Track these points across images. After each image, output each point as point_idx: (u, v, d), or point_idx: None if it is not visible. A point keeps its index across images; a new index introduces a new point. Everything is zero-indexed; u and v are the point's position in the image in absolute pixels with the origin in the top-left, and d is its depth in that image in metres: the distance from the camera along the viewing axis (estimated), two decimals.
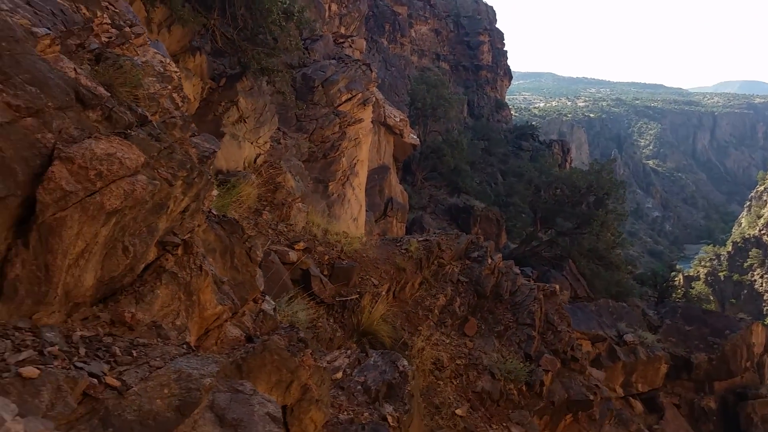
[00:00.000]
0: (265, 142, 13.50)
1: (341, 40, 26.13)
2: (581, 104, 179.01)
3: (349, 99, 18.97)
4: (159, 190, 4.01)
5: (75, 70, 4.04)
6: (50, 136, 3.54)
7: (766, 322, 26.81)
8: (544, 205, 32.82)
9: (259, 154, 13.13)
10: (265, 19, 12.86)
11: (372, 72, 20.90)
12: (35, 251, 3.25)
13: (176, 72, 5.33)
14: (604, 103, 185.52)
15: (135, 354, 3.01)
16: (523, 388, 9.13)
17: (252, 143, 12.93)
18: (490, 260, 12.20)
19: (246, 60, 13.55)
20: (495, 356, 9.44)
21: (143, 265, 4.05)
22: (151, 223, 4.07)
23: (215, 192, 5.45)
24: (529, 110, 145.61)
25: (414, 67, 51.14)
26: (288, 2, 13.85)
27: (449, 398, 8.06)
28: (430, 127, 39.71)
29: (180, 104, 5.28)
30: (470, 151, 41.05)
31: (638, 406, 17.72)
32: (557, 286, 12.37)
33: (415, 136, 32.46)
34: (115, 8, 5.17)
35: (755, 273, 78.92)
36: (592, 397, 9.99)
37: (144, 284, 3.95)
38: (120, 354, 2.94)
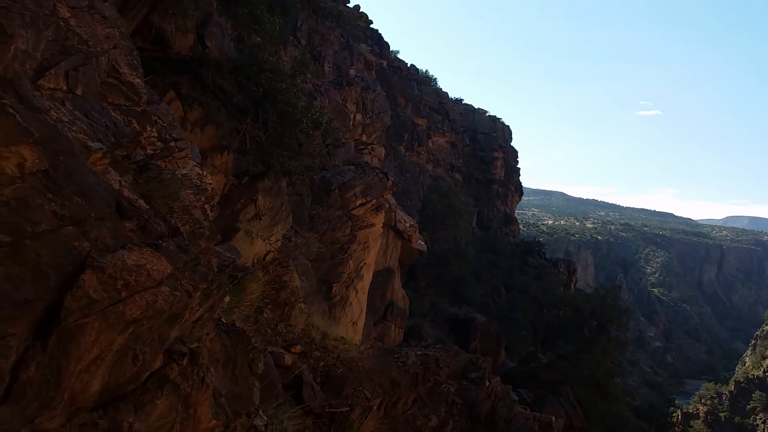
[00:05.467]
0: (277, 240, 13.85)
1: (362, 147, 27.34)
2: (590, 225, 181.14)
3: (364, 204, 19.55)
4: (178, 301, 4.21)
5: (120, 182, 4.40)
6: (86, 245, 3.81)
7: None
8: (546, 325, 32.62)
9: (270, 251, 13.43)
10: (294, 127, 13.64)
11: (388, 180, 21.67)
12: (51, 355, 3.41)
13: (210, 184, 5.72)
14: (613, 227, 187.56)
15: None
16: None
17: (264, 240, 13.28)
18: (488, 383, 12.07)
19: (270, 161, 14.23)
20: None
21: (148, 373, 4.17)
22: (164, 332, 4.24)
23: (227, 299, 5.64)
24: (537, 226, 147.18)
25: (428, 175, 52.71)
26: (318, 113, 14.72)
27: None
28: (439, 234, 40.30)
29: (209, 214, 5.61)
30: (476, 262, 41.40)
31: None
32: (552, 418, 12.12)
33: (423, 243, 32.88)
34: (163, 122, 5.64)
35: (757, 417, 75.63)
36: None
37: (145, 393, 4.05)
38: None
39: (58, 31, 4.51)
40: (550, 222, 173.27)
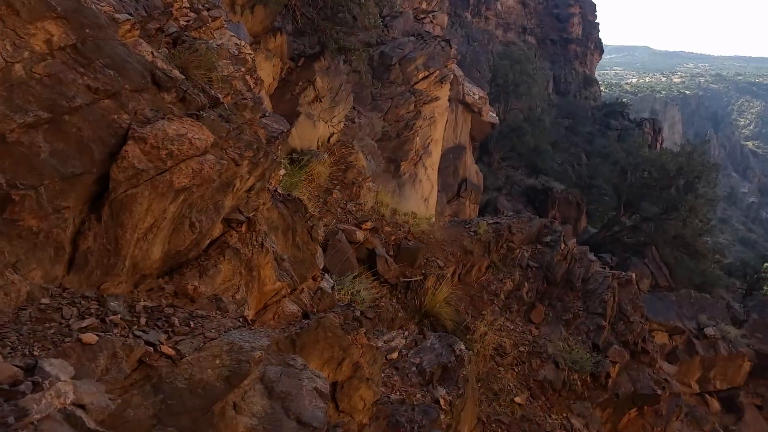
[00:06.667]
0: (340, 122, 13.70)
1: (422, 16, 25.85)
2: (677, 80, 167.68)
3: (426, 77, 18.80)
4: (226, 170, 4.20)
5: (152, 53, 4.28)
6: (126, 117, 3.79)
7: None
8: (629, 188, 31.36)
9: (333, 133, 13.35)
10: None
11: (451, 48, 20.57)
12: (106, 225, 3.52)
13: (250, 54, 5.52)
14: (702, 79, 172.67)
15: (192, 325, 3.21)
16: (588, 379, 8.92)
17: (326, 122, 13.16)
18: (563, 245, 11.88)
19: (324, 39, 13.74)
20: (560, 345, 9.25)
21: (208, 241, 4.27)
22: (218, 201, 4.28)
23: (283, 171, 5.64)
24: (620, 86, 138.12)
25: (498, 42, 49.76)
26: None
27: (509, 385, 8.02)
28: (512, 104, 38.70)
29: (253, 86, 5.47)
30: (553, 130, 39.76)
31: (715, 404, 16.77)
32: (633, 275, 11.88)
33: (494, 115, 31.79)
34: None
35: None
36: (659, 392, 9.59)
37: (208, 259, 4.18)
38: (178, 324, 3.14)
39: None
40: (634, 80, 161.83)
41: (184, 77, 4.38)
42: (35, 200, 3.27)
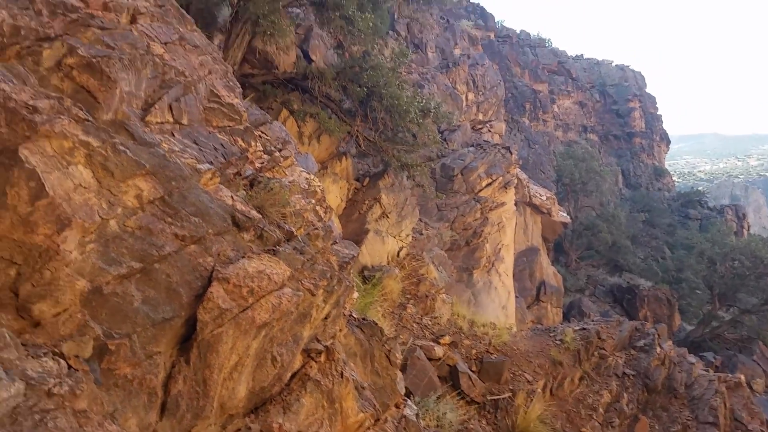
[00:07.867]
0: (408, 235, 13.89)
1: (479, 127, 26.69)
2: (754, 163, 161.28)
3: (490, 184, 19.04)
4: (302, 301, 4.28)
5: (232, 197, 4.58)
6: (210, 260, 3.99)
7: None
8: (721, 279, 29.42)
9: (402, 247, 13.50)
10: (404, 119, 13.64)
11: (512, 154, 20.92)
12: (195, 367, 3.60)
13: (319, 186, 5.80)
14: None
15: None
16: None
17: (395, 237, 13.38)
18: (659, 349, 11.07)
19: (387, 158, 14.37)
20: None
21: (290, 374, 4.27)
22: (297, 332, 4.33)
23: (356, 294, 5.68)
24: (693, 175, 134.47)
25: (559, 142, 50.24)
26: (424, 101, 14.60)
27: None
28: (582, 202, 38.15)
29: (323, 215, 5.69)
30: (630, 225, 38.50)
31: None
32: (742, 376, 10.78)
33: (564, 214, 31.39)
34: (267, 136, 5.83)
35: None
36: None
37: (290, 393, 4.15)
38: None
39: (156, 68, 4.81)
40: (708, 167, 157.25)
41: (260, 216, 4.63)
42: (129, 348, 3.41)
